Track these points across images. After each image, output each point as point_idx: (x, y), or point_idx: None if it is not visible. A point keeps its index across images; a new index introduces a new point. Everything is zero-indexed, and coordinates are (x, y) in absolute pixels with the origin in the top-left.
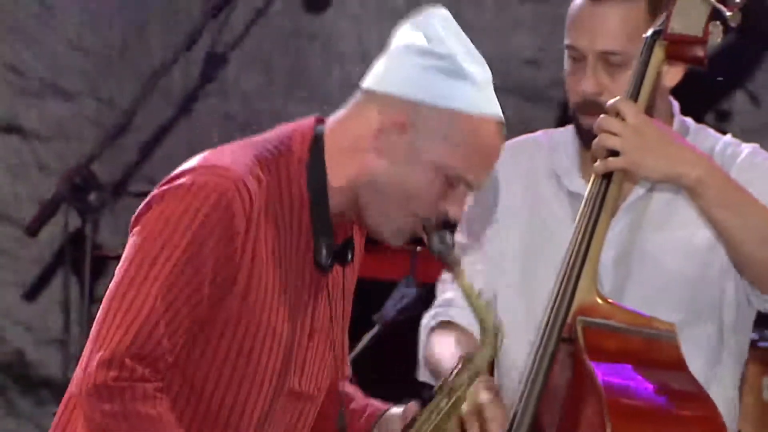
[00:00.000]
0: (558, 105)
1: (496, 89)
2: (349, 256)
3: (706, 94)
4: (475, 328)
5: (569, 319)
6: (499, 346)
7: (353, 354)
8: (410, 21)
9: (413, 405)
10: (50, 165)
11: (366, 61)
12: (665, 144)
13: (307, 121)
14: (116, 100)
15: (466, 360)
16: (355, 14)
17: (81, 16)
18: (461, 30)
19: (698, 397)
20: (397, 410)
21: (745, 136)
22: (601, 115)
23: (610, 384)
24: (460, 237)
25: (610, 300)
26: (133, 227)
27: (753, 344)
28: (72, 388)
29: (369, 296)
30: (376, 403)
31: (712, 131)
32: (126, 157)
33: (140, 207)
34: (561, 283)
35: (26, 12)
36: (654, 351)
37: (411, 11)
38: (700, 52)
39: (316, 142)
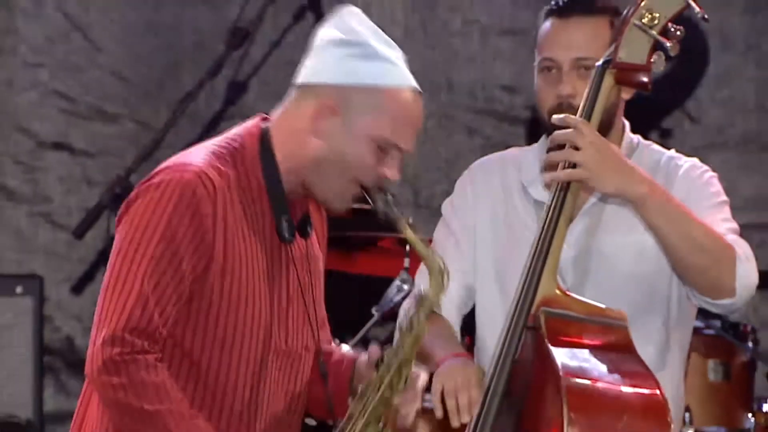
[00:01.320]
0: (530, 125)
1: (479, 111)
2: (308, 229)
3: (651, 115)
4: (447, 314)
5: (533, 310)
6: (446, 282)
7: (355, 340)
8: (328, 21)
9: (375, 348)
10: (95, 178)
11: None
12: (619, 162)
13: (253, 121)
14: (151, 122)
15: (421, 299)
16: None
17: (123, 52)
18: (373, 23)
19: (643, 374)
20: (364, 356)
21: (685, 151)
22: (564, 131)
23: (567, 365)
24: (445, 244)
25: (568, 293)
26: (117, 225)
27: (699, 332)
28: (85, 370)
29: (369, 290)
30: (349, 354)
31: (656, 146)
32: None
33: (121, 207)
34: (526, 279)
35: (77, 49)
36: (606, 336)
37: (408, 41)
38: (644, 78)
39: (264, 136)
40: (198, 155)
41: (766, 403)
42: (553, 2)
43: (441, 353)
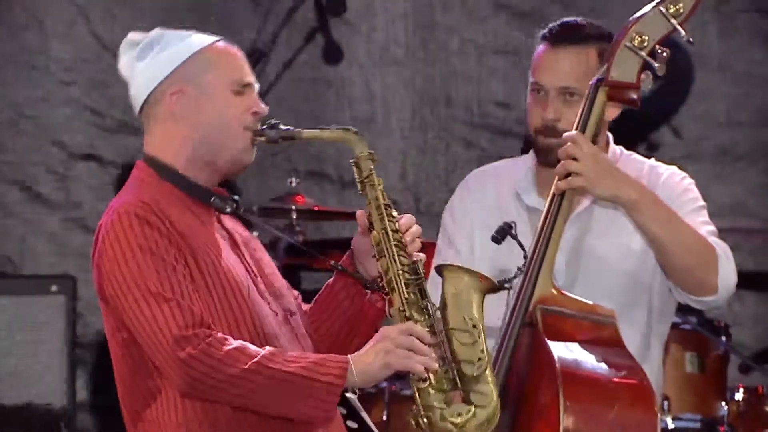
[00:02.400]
0: (521, 138)
1: (475, 125)
2: (239, 206)
3: (639, 129)
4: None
5: (531, 308)
6: (360, 137)
7: None
8: (120, 50)
9: (360, 212)
10: (121, 186)
11: (371, 102)
12: (613, 170)
13: (138, 163)
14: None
15: (355, 162)
16: (362, 64)
17: None
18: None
19: (631, 367)
20: (356, 236)
21: (665, 162)
22: (565, 145)
23: (563, 357)
24: (446, 253)
25: (563, 292)
26: (101, 290)
27: (677, 326)
28: (175, 387)
29: None
30: (343, 259)
31: (638, 156)
32: None
33: (93, 260)
34: (525, 279)
35: (105, 68)
36: (597, 332)
37: (409, 60)
38: (634, 95)
39: (150, 161)
40: (124, 196)
41: (738, 392)
42: (547, 28)
43: None
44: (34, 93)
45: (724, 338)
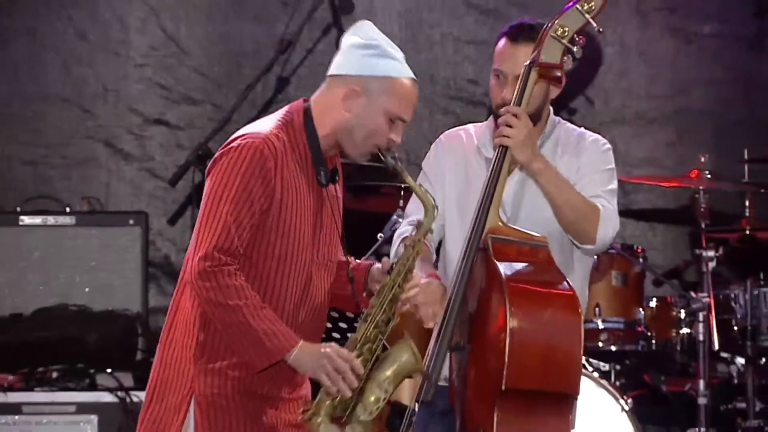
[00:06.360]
0: (488, 108)
1: (452, 97)
2: (336, 178)
3: (560, 98)
4: (427, 241)
5: (483, 236)
6: (436, 214)
7: (366, 256)
8: (350, 29)
9: (387, 259)
10: (184, 144)
11: None
12: (533, 146)
13: (298, 102)
14: (223, 105)
15: (419, 224)
16: None
17: (203, 55)
18: (382, 32)
19: (561, 281)
20: (378, 265)
21: (595, 126)
22: (505, 115)
23: (509, 274)
24: (422, 183)
25: (507, 224)
26: (208, 175)
27: (606, 251)
28: (185, 276)
29: (374, 222)
30: (364, 262)
31: (571, 125)
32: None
33: (210, 163)
34: (478, 213)
35: (171, 54)
36: (535, 254)
37: (402, 48)
38: (558, 73)
39: (307, 112)
40: (264, 126)
41: (652, 301)
42: (507, 27)
43: (419, 273)
44: (117, 73)
45: (641, 260)
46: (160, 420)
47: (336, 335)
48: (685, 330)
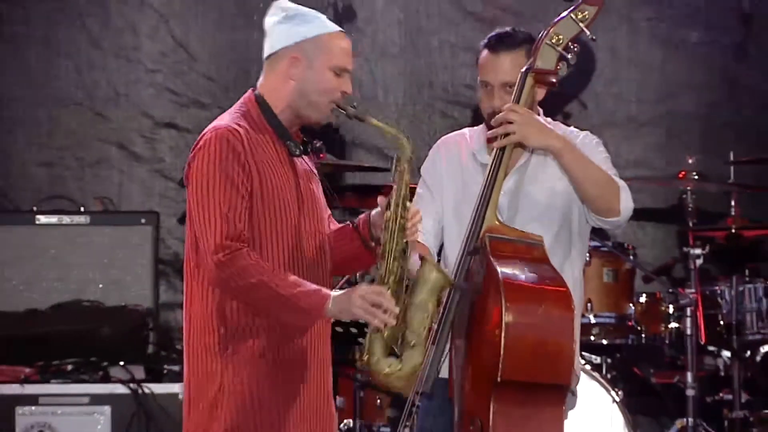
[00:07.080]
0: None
1: (450, 101)
2: (308, 149)
3: (557, 103)
4: (427, 242)
5: (481, 235)
6: (409, 143)
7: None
8: (270, 10)
9: (382, 198)
10: (191, 147)
11: (374, 85)
12: (542, 126)
13: (247, 93)
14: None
15: (398, 156)
16: (367, 57)
17: (211, 61)
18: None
19: (555, 277)
20: (374, 211)
21: (586, 127)
22: (499, 115)
23: (505, 272)
24: (424, 195)
25: (504, 223)
26: (186, 179)
27: (598, 249)
28: (206, 276)
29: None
30: (362, 216)
31: (562, 125)
32: None
33: (185, 169)
34: (476, 214)
35: (181, 60)
36: (530, 252)
37: (403, 54)
38: (553, 79)
39: (258, 97)
40: (225, 119)
41: (641, 297)
42: (486, 38)
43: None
44: (129, 78)
45: (631, 257)
46: (201, 423)
47: (338, 329)
48: (673, 324)
